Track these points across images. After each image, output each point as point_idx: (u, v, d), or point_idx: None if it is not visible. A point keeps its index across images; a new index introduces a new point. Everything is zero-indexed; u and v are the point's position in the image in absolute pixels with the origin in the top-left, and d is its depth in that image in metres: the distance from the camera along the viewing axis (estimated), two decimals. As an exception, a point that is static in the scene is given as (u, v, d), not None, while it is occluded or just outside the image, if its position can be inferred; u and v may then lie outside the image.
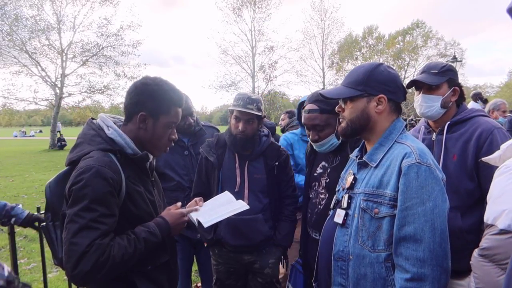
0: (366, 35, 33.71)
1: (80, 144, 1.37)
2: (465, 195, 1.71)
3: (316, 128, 1.85)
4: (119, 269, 1.23)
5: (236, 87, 28.09)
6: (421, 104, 1.87)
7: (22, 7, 19.90)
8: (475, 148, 1.70)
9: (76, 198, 1.20)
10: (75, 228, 1.17)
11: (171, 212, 1.44)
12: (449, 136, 1.81)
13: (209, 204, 1.71)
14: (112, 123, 1.40)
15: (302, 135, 2.78)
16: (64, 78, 21.30)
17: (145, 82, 1.40)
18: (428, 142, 1.89)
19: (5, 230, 4.76)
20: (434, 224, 1.16)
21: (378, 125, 1.37)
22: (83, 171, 1.22)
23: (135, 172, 1.40)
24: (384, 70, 1.37)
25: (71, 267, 1.15)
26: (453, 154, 1.77)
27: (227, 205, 1.70)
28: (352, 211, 1.34)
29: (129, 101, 1.40)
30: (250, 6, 27.07)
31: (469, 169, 1.71)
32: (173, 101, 1.42)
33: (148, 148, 1.43)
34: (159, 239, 1.34)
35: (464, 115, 1.82)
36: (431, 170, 1.20)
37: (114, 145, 1.35)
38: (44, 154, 18.01)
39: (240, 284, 2.27)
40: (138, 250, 1.26)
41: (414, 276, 1.15)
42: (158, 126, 1.40)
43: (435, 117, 1.87)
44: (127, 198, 1.31)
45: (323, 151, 1.91)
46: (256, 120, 2.12)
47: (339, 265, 1.35)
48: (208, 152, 2.19)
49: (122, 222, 1.30)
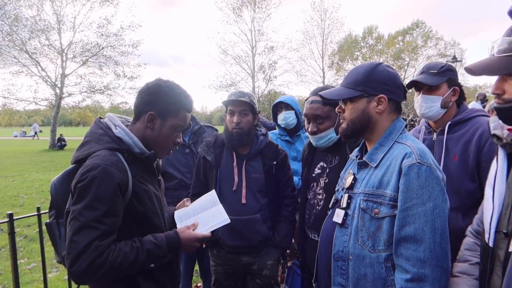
0: (366, 35, 33.70)
1: (87, 142, 1.38)
2: (466, 196, 1.70)
3: (316, 119, 1.85)
4: (117, 274, 1.24)
5: (236, 87, 28.08)
6: (421, 105, 1.86)
7: (22, 7, 19.93)
8: (476, 148, 1.69)
9: (80, 195, 1.21)
10: (76, 226, 1.18)
11: (188, 232, 1.44)
12: (450, 136, 1.81)
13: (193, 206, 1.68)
14: (120, 123, 1.42)
15: (280, 135, 2.97)
16: (64, 78, 21.33)
17: (158, 83, 1.43)
18: (429, 142, 1.89)
19: (5, 230, 4.77)
20: (435, 224, 1.16)
21: (379, 125, 1.36)
22: (89, 169, 1.23)
23: (143, 171, 1.42)
24: (383, 69, 1.37)
25: (68, 264, 1.18)
26: (454, 154, 1.77)
27: (210, 209, 1.66)
28: (352, 211, 1.34)
29: (140, 100, 1.42)
30: (250, 6, 27.08)
31: (470, 169, 1.70)
32: (182, 104, 1.44)
33: (153, 148, 1.44)
34: (164, 253, 1.34)
35: (465, 115, 1.82)
36: (431, 170, 1.20)
37: (121, 144, 1.36)
38: (44, 154, 18.01)
39: (239, 285, 2.27)
40: (139, 260, 1.26)
41: (414, 277, 1.15)
42: (165, 127, 1.42)
43: (436, 117, 1.86)
44: (133, 197, 1.32)
45: (320, 145, 1.89)
46: (251, 113, 2.13)
47: (339, 265, 1.34)
48: (206, 151, 2.20)
49: (128, 221, 1.31)
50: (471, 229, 1.31)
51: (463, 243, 1.29)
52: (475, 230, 1.28)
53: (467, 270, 1.18)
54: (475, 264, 1.18)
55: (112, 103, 23.62)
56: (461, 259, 1.24)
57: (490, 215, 1.04)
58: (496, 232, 1.01)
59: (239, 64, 28.15)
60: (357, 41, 33.57)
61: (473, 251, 1.22)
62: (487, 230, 1.05)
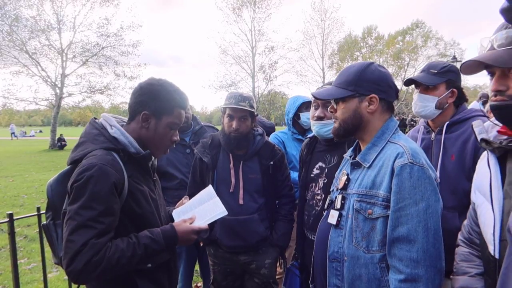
0: (366, 35, 33.67)
1: (83, 143, 1.38)
2: (462, 195, 1.70)
3: (326, 105, 1.86)
4: (115, 271, 1.23)
5: (236, 87, 28.06)
6: (416, 103, 1.89)
7: (22, 7, 19.92)
8: (473, 148, 1.70)
9: (77, 195, 1.21)
10: (73, 226, 1.18)
11: (184, 225, 1.44)
12: (448, 136, 1.81)
13: (191, 202, 1.68)
14: (115, 123, 1.42)
15: (293, 133, 2.89)
16: (64, 78, 21.31)
17: (150, 83, 1.43)
18: (427, 141, 1.90)
19: (5, 230, 4.77)
20: (428, 224, 1.16)
21: (371, 124, 1.36)
22: (85, 168, 1.23)
23: (138, 171, 1.42)
24: (375, 69, 1.36)
25: (66, 264, 1.17)
26: (452, 154, 1.77)
27: (207, 203, 1.66)
28: (346, 212, 1.34)
29: (134, 101, 1.42)
30: (250, 6, 27.04)
31: (467, 169, 1.70)
32: (176, 102, 1.44)
33: (149, 148, 1.44)
34: (161, 247, 1.33)
35: (463, 115, 1.82)
36: (423, 170, 1.20)
37: (117, 144, 1.36)
38: (44, 154, 18.01)
39: (237, 284, 2.27)
40: (136, 255, 1.26)
41: (408, 277, 1.15)
42: (160, 126, 1.42)
43: (430, 116, 1.88)
44: (129, 197, 1.32)
45: (323, 134, 1.89)
46: (250, 118, 2.12)
47: (334, 266, 1.35)
48: (202, 152, 2.19)
49: (125, 222, 1.31)
50: (462, 238, 1.27)
51: (457, 254, 1.26)
52: (467, 239, 1.24)
53: (469, 284, 1.14)
54: (475, 276, 1.14)
55: (112, 103, 23.60)
56: (459, 272, 1.20)
57: (492, 225, 0.99)
58: (500, 242, 0.96)
59: (239, 64, 28.14)
60: (357, 41, 33.53)
61: (470, 261, 1.19)
62: (491, 241, 1.00)
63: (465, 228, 1.27)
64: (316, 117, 1.89)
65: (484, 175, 1.07)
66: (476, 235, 1.18)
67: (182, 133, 2.55)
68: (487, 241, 1.02)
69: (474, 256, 1.19)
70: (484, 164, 1.08)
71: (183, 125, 2.51)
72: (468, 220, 1.25)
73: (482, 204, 1.07)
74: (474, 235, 1.20)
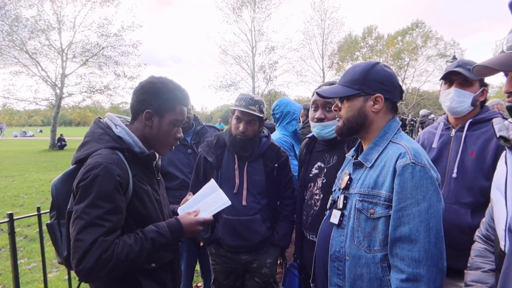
0: (366, 35, 33.71)
1: (88, 142, 1.38)
2: (478, 193, 1.69)
3: (325, 106, 1.85)
4: (124, 267, 1.24)
5: (236, 87, 28.12)
6: (453, 98, 1.83)
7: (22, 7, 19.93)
8: (496, 147, 1.69)
9: (83, 194, 1.21)
10: (81, 225, 1.18)
11: (189, 217, 1.45)
12: (470, 133, 1.80)
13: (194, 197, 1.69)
14: (120, 122, 1.42)
15: (294, 134, 2.91)
16: (64, 78, 21.32)
17: (151, 81, 1.43)
18: (446, 137, 1.89)
19: (5, 230, 4.78)
20: (429, 224, 1.16)
21: (374, 124, 1.37)
22: (91, 167, 1.23)
23: (142, 171, 1.42)
24: (381, 69, 1.37)
25: (75, 263, 1.17)
26: (472, 151, 1.76)
27: (210, 196, 1.66)
28: (348, 211, 1.34)
29: (136, 100, 1.42)
30: (250, 6, 27.09)
31: (486, 167, 1.69)
32: (177, 99, 1.44)
33: (154, 146, 1.45)
34: (168, 241, 1.34)
35: (487, 114, 1.82)
36: (425, 170, 1.20)
37: (122, 143, 1.36)
38: (44, 154, 18.01)
39: (238, 284, 2.28)
40: (144, 249, 1.26)
41: (410, 277, 1.15)
42: (163, 124, 1.42)
43: (463, 113, 1.84)
44: (134, 196, 1.32)
45: (323, 135, 1.88)
46: (257, 122, 2.11)
47: (335, 266, 1.35)
48: (207, 152, 2.18)
49: (130, 221, 1.31)
50: (480, 234, 1.28)
51: (473, 249, 1.25)
52: (484, 235, 1.24)
53: (481, 279, 1.14)
54: (488, 272, 1.15)
55: (112, 103, 23.63)
56: (472, 267, 1.21)
57: (505, 221, 1.00)
58: (511, 237, 0.97)
59: (239, 64, 28.19)
60: (357, 41, 33.58)
61: (485, 257, 1.19)
62: (502, 237, 1.01)
63: (483, 225, 1.28)
64: (317, 119, 1.88)
65: (502, 172, 1.08)
66: (492, 232, 1.18)
67: (183, 133, 2.54)
68: (499, 236, 1.04)
69: (489, 252, 1.19)
70: (503, 161, 1.09)
71: (185, 125, 2.52)
72: (487, 217, 1.26)
73: (499, 201, 1.08)
74: (490, 232, 1.20)
